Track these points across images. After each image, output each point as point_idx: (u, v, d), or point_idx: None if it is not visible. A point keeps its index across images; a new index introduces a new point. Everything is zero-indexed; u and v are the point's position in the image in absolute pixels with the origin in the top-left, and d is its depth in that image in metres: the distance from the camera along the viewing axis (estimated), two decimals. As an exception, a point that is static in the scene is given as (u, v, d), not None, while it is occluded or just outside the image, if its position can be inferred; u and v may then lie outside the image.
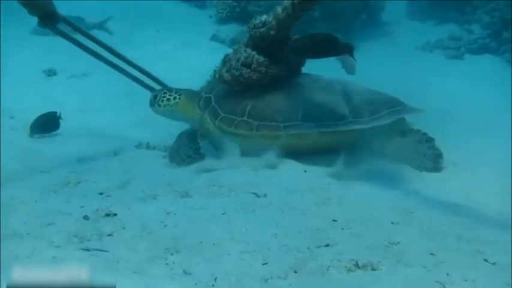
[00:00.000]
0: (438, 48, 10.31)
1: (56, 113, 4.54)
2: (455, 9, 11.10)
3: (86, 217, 2.48)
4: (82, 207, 2.61)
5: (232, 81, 3.89)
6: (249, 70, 3.81)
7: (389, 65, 7.56)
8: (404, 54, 9.33)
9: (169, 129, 4.50)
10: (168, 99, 4.14)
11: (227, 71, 3.90)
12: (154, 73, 4.82)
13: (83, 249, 2.15)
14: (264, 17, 3.83)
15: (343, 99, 3.78)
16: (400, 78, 6.33)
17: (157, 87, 4.64)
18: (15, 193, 2.82)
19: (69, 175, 3.24)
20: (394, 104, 3.82)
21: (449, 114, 5.01)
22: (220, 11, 8.92)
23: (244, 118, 3.77)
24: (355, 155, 3.62)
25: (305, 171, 3.43)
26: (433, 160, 3.71)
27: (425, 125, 3.95)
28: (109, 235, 2.32)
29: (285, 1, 3.58)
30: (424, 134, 3.83)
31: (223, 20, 8.95)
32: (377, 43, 9.71)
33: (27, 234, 2.29)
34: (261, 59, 3.82)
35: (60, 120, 4.54)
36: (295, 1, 3.47)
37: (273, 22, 3.72)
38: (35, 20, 3.77)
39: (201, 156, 3.70)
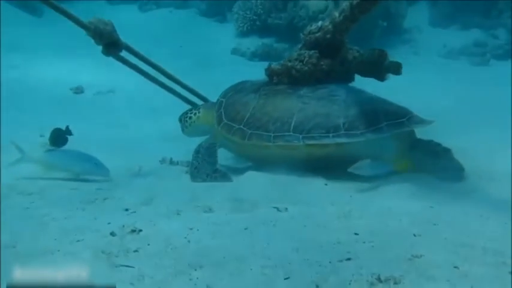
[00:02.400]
0: (462, 55, 10.16)
1: (60, 129, 4.59)
2: (480, 14, 10.91)
3: (112, 233, 2.55)
4: (109, 223, 2.69)
5: (282, 71, 3.92)
6: (301, 63, 3.85)
7: (410, 74, 7.51)
8: (427, 62, 9.25)
9: (192, 144, 4.59)
10: (190, 117, 4.20)
11: (277, 64, 3.97)
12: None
13: (109, 265, 2.22)
14: (320, 23, 3.91)
15: (341, 110, 3.63)
16: (422, 89, 6.28)
17: None
18: (47, 211, 2.93)
19: (96, 192, 3.34)
20: (397, 116, 3.59)
21: (474, 123, 4.94)
22: (241, 24, 9.04)
23: (241, 126, 3.76)
24: (378, 167, 3.61)
25: (326, 185, 3.44)
26: (455, 173, 3.62)
27: (450, 134, 3.91)
28: (135, 251, 2.39)
29: (343, 4, 3.66)
30: (438, 144, 3.67)
31: (244, 34, 9.09)
32: (398, 51, 9.65)
33: (58, 251, 2.39)
34: (312, 52, 3.86)
35: (68, 136, 4.56)
36: (354, 2, 3.51)
37: (329, 26, 3.80)
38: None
39: (223, 175, 3.70)
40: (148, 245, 2.44)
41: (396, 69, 3.59)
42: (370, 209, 2.99)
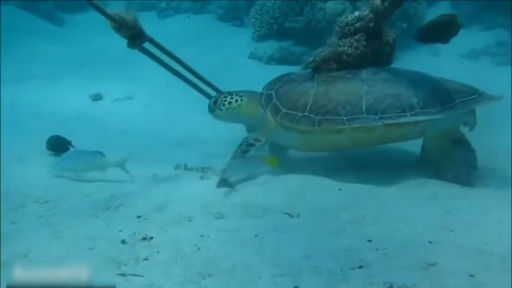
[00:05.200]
0: (485, 55, 9.92)
1: (64, 138, 4.57)
2: (503, 14, 10.65)
3: (123, 241, 2.57)
4: (120, 231, 2.71)
5: (330, 58, 3.84)
6: (350, 48, 3.78)
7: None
8: (448, 63, 9.03)
9: (208, 149, 4.60)
10: (230, 102, 4.08)
11: (323, 51, 3.88)
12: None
13: (119, 274, 2.23)
14: (356, 13, 3.85)
15: (411, 90, 3.61)
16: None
17: None
18: (60, 219, 2.97)
19: (110, 199, 3.36)
20: (468, 93, 3.60)
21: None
22: (258, 28, 9.01)
23: (306, 113, 3.67)
24: (393, 171, 3.55)
25: (340, 189, 3.38)
26: (464, 178, 3.55)
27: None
28: (145, 259, 2.40)
29: None
30: (476, 158, 3.59)
31: (261, 38, 9.03)
32: (418, 53, 9.46)
33: (69, 259, 2.41)
34: (357, 35, 3.79)
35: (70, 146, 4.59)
36: None
37: (371, 15, 3.76)
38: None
39: (227, 185, 3.56)
40: (158, 252, 2.45)
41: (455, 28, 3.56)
42: (384, 215, 2.93)
